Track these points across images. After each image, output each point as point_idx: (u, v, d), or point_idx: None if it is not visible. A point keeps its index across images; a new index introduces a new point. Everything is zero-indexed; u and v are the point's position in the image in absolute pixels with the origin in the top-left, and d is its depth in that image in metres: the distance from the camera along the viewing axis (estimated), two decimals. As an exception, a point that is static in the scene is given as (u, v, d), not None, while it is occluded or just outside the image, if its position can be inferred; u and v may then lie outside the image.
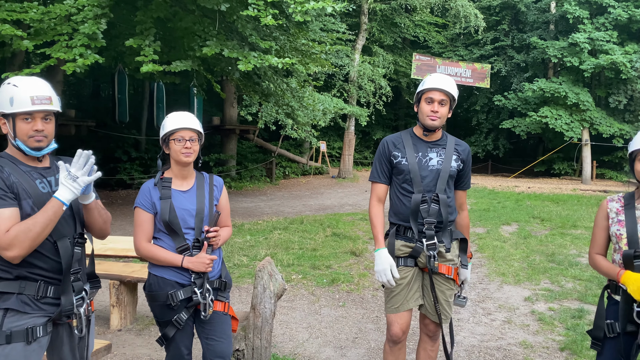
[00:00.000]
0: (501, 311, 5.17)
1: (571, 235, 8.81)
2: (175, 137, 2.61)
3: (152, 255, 2.60)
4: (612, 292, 2.51)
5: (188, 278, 2.59)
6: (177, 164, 2.67)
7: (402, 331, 2.98)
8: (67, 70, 7.55)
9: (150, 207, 2.61)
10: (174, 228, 2.57)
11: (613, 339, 2.44)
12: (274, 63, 8.21)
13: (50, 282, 2.12)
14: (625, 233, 2.43)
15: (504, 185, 17.78)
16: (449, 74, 22.42)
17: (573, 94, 20.27)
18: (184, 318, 2.58)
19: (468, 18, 20.57)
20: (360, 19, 19.92)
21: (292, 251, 7.39)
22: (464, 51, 24.81)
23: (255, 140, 19.74)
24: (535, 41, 21.62)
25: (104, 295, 5.29)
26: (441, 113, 2.89)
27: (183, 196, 2.64)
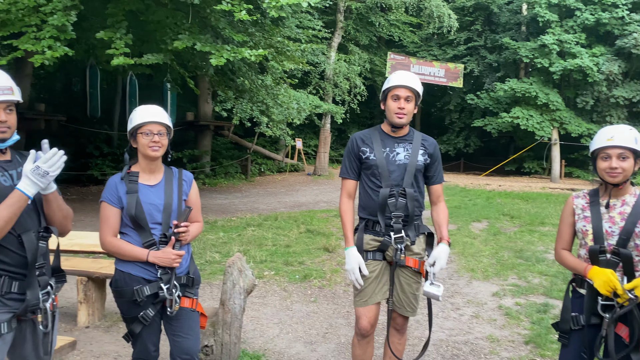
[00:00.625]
0: (469, 306, 5.27)
1: (539, 232, 9.02)
2: (143, 130, 2.58)
3: (117, 249, 2.57)
4: (578, 286, 2.59)
5: (154, 274, 2.56)
6: (144, 158, 2.64)
7: (371, 324, 3.03)
8: (35, 63, 7.38)
9: (116, 201, 2.58)
10: (140, 223, 2.55)
11: (578, 332, 2.51)
12: (247, 56, 8.14)
13: (15, 277, 2.09)
14: (591, 229, 2.50)
15: (475, 183, 18.08)
16: (422, 73, 22.67)
17: (543, 94, 20.73)
18: (150, 314, 2.56)
19: (442, 18, 20.83)
20: (336, 17, 19.96)
21: (265, 248, 7.39)
22: (438, 51, 25.12)
23: (230, 137, 19.61)
24: (507, 42, 22.01)
25: (71, 291, 5.20)
26: (407, 109, 2.95)
27: (150, 190, 2.62)
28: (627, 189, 2.52)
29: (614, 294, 2.36)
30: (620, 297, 2.35)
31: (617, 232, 2.44)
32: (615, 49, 20.87)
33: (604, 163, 2.45)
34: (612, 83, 20.86)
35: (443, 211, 3.13)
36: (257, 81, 12.30)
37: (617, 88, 20.85)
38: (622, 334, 2.42)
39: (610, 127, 2.52)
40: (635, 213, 2.43)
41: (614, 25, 20.45)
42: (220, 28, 8.74)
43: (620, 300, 2.36)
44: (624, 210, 2.47)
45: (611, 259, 2.43)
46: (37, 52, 7.37)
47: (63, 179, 14.41)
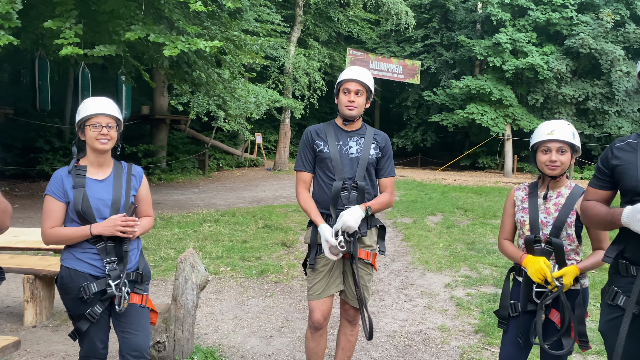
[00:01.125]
0: (423, 297, 5.40)
1: (491, 224, 9.30)
2: (91, 123, 2.53)
3: (59, 235, 2.51)
4: (516, 274, 2.71)
5: (102, 270, 2.51)
6: (92, 151, 2.58)
7: (324, 317, 3.06)
8: None
9: (62, 195, 2.52)
10: (87, 218, 2.50)
11: (516, 318, 2.63)
12: (202, 47, 8.01)
13: None
14: (528, 219, 2.62)
15: (431, 178, 18.44)
16: (381, 69, 22.92)
17: (497, 90, 21.35)
18: (98, 311, 2.51)
19: (399, 15, 21.10)
20: (295, 11, 19.91)
21: (222, 243, 7.33)
22: (396, 47, 25.44)
23: (187, 131, 19.29)
24: (463, 40, 22.53)
25: (18, 290, 5.03)
26: (358, 103, 3.01)
27: (98, 185, 2.57)
28: (563, 182, 2.65)
29: (545, 282, 2.49)
30: (550, 284, 2.48)
31: (552, 222, 2.57)
32: (564, 48, 21.71)
33: (544, 156, 2.57)
34: (561, 81, 21.69)
35: (384, 195, 3.13)
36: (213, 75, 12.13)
37: (565, 86, 21.70)
38: (554, 320, 2.54)
39: (550, 122, 2.64)
40: (569, 204, 2.56)
41: (563, 25, 21.26)
42: (174, 19, 8.57)
43: (550, 287, 2.49)
44: (559, 201, 2.60)
45: (545, 248, 2.56)
46: None
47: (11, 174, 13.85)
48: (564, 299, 2.46)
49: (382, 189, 3.22)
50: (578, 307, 2.48)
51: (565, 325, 2.49)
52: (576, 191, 2.59)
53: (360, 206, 2.97)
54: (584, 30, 20.62)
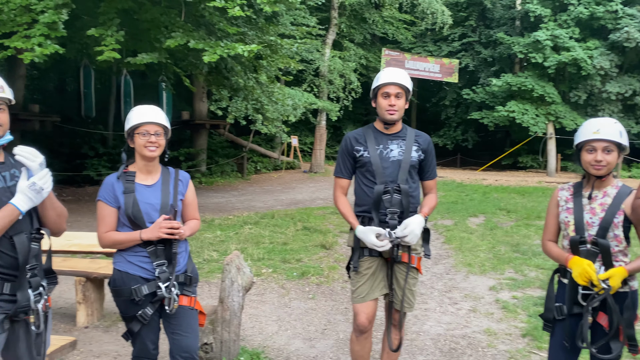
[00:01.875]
0: (467, 300, 5.30)
1: (535, 226, 9.06)
2: (140, 131, 2.59)
3: (113, 240, 2.59)
4: (561, 276, 2.64)
5: (152, 272, 2.58)
6: (141, 158, 2.65)
7: (368, 320, 3.05)
8: (24, 59, 7.36)
9: (113, 200, 2.59)
10: (137, 222, 2.56)
11: (562, 321, 2.55)
12: (240, 52, 8.12)
13: (6, 278, 2.08)
14: (573, 220, 2.55)
15: (472, 178, 18.12)
16: (417, 69, 22.69)
17: (539, 87, 20.77)
18: (148, 313, 2.57)
19: (435, 14, 20.85)
20: (330, 14, 19.95)
21: (262, 245, 7.40)
22: (433, 47, 25.11)
23: (225, 135, 19.59)
24: (502, 37, 22.05)
25: (70, 292, 5.21)
26: (398, 106, 2.98)
27: (147, 190, 2.63)
28: (609, 181, 2.56)
29: (591, 284, 2.40)
30: (596, 286, 2.39)
31: (597, 222, 2.48)
32: (608, 43, 20.93)
33: (589, 156, 2.49)
34: (605, 77, 20.93)
35: (431, 198, 3.16)
36: (251, 79, 12.29)
37: (610, 82, 20.92)
38: (602, 323, 2.46)
39: (595, 120, 2.55)
40: (615, 204, 2.47)
41: (607, 19, 20.50)
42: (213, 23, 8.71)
43: (596, 289, 2.40)
44: (605, 201, 2.51)
45: (591, 249, 2.48)
46: (28, 49, 7.35)
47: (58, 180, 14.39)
48: (611, 301, 2.38)
49: (425, 190, 3.19)
50: (627, 310, 2.39)
51: (613, 329, 2.40)
52: (623, 191, 2.50)
53: (421, 215, 2.97)
54: (630, 24, 19.84)
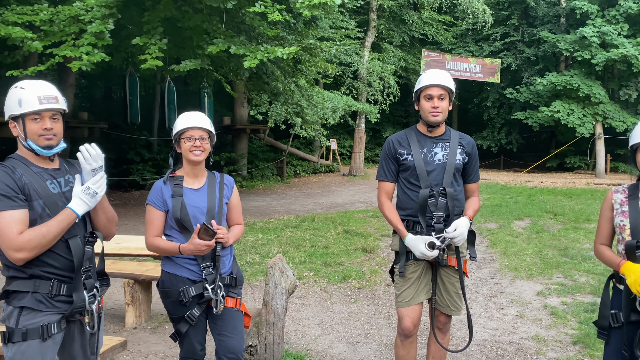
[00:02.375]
0: (513, 306, 5.16)
1: (584, 229, 8.75)
2: (186, 136, 2.66)
3: (156, 245, 2.67)
4: (617, 281, 2.52)
5: (199, 274, 2.63)
6: (188, 163, 2.72)
7: (413, 324, 3.01)
8: (72, 68, 7.66)
9: (161, 204, 2.66)
10: (185, 225, 2.62)
11: (618, 329, 2.44)
12: (280, 54, 8.20)
13: (63, 280, 2.17)
14: (629, 224, 2.43)
15: (516, 181, 17.68)
16: (458, 69, 22.30)
17: (585, 86, 20.05)
18: (196, 314, 2.63)
19: (476, 14, 20.47)
20: (369, 16, 19.90)
21: (303, 249, 7.42)
22: (474, 47, 24.64)
23: (265, 139, 19.82)
24: (546, 35, 21.43)
25: (118, 294, 5.37)
26: (442, 107, 2.94)
27: (194, 194, 2.69)
28: None
29: None
30: None
31: None
32: (662, 37, 20.04)
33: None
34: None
35: (475, 201, 3.12)
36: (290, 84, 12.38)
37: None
38: None
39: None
40: None
41: (659, 13, 19.64)
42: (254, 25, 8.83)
43: None
44: None
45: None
46: (76, 58, 7.65)
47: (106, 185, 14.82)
48: None
49: (468, 193, 3.14)
50: None
51: None
52: None
53: (467, 217, 2.94)
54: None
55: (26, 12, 8.00)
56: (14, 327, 2.10)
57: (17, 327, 2.09)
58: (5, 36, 7.65)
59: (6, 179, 2.06)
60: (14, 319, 2.11)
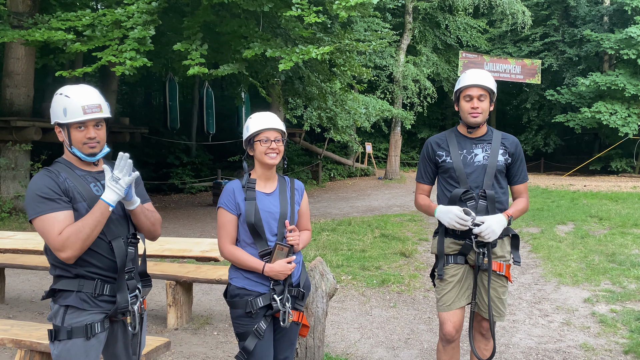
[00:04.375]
0: (559, 313, 4.99)
1: (632, 234, 8.41)
2: (261, 138, 2.54)
3: (236, 258, 2.54)
4: None
5: (268, 285, 2.52)
6: (261, 166, 2.59)
7: (455, 329, 2.94)
8: (116, 72, 7.89)
9: (234, 208, 2.54)
10: (257, 230, 2.50)
11: None
12: (314, 55, 8.19)
13: (107, 280, 2.21)
14: None
15: (557, 184, 17.18)
16: (497, 70, 21.85)
17: (631, 85, 19.30)
18: (263, 327, 2.50)
19: (515, 15, 20.05)
20: (404, 19, 19.76)
21: (340, 252, 7.39)
22: (512, 48, 24.12)
23: (301, 143, 19.90)
24: (589, 34, 20.75)
25: (160, 295, 5.46)
26: (482, 108, 2.86)
27: (267, 199, 2.58)
28: None
29: None
30: None
31: None
32: None
33: None
34: None
35: (521, 202, 3.02)
36: (325, 88, 12.38)
37: None
38: None
39: None
40: None
41: None
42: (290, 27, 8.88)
43: None
44: None
45: None
46: (119, 63, 7.87)
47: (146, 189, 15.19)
48: None
49: (516, 195, 3.06)
50: None
51: None
52: None
53: (504, 214, 2.84)
54: None
55: (70, 18, 8.29)
56: (60, 325, 2.15)
57: (63, 325, 2.15)
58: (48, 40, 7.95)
59: (49, 183, 2.13)
60: (60, 317, 2.17)
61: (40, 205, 2.09)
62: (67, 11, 8.69)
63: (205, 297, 5.56)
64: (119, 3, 8.58)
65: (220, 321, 4.79)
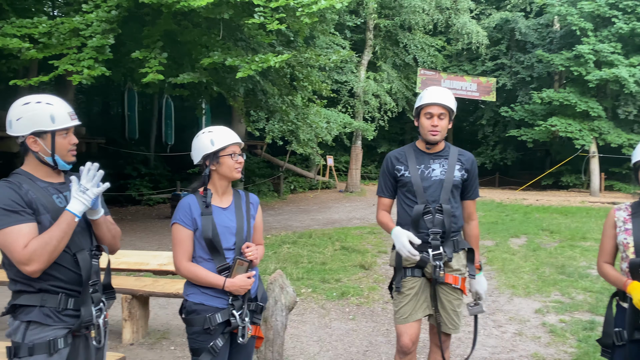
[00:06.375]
0: (512, 323, 5.15)
1: (581, 247, 8.77)
2: (229, 152, 2.53)
3: (194, 275, 2.47)
4: (621, 299, 2.53)
5: (226, 300, 2.49)
6: (223, 180, 2.57)
7: (412, 342, 3.00)
8: (73, 81, 7.73)
9: (190, 223, 2.48)
10: (215, 246, 2.46)
11: (622, 347, 2.45)
12: (273, 63, 8.23)
13: (71, 294, 2.16)
14: (632, 241, 2.45)
15: (512, 198, 17.73)
16: (454, 88, 22.48)
17: (582, 102, 20.22)
18: (219, 344, 2.45)
19: (470, 35, 20.78)
20: (365, 35, 20.13)
21: (301, 265, 7.40)
22: (468, 66, 24.91)
23: (262, 155, 19.85)
24: (541, 54, 21.66)
25: (115, 309, 5.31)
26: (441, 127, 2.96)
27: (223, 213, 2.54)
28: None
29: None
30: None
31: None
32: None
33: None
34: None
35: (475, 233, 3.18)
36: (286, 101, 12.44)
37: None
38: None
39: None
40: None
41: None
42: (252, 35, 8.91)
43: None
44: None
45: None
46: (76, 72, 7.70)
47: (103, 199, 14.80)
48: None
49: (466, 212, 3.15)
50: None
51: None
52: None
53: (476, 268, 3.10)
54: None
55: (25, 24, 8.07)
56: (21, 342, 2.08)
57: (24, 341, 2.07)
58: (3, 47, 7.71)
59: (11, 194, 2.06)
60: (20, 334, 2.09)
61: (3, 218, 2.02)
62: (21, 17, 8.45)
63: (163, 311, 5.46)
64: (78, 11, 8.40)
65: (177, 335, 4.71)
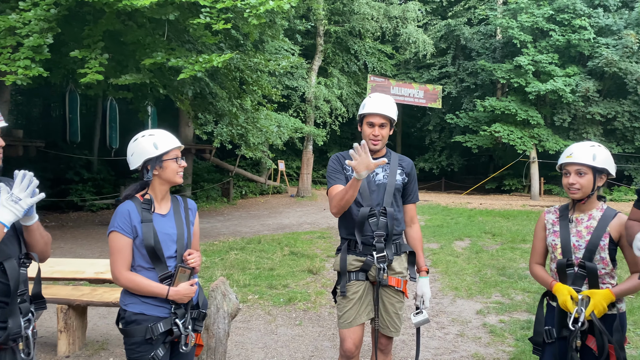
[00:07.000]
0: (454, 325, 5.28)
1: (521, 249, 9.12)
2: (172, 156, 2.47)
3: (135, 284, 2.39)
4: (550, 299, 2.65)
5: (169, 309, 2.42)
6: (164, 185, 2.51)
7: (355, 346, 3.02)
8: (6, 82, 7.35)
9: (130, 231, 2.39)
10: (157, 253, 2.39)
11: (551, 344, 2.56)
12: (216, 63, 8.15)
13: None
14: (560, 243, 2.57)
15: (457, 202, 18.25)
16: (402, 94, 23.00)
17: (522, 110, 21.16)
18: (160, 354, 2.38)
19: (417, 44, 21.33)
20: (316, 40, 20.25)
21: (248, 271, 7.32)
22: (416, 73, 25.58)
23: (211, 160, 19.54)
24: (483, 64, 22.51)
25: (51, 320, 5.09)
26: (382, 135, 3.04)
27: (163, 220, 2.47)
28: (594, 204, 2.60)
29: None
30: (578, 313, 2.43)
31: (584, 245, 2.52)
32: (587, 69, 21.47)
33: (565, 179, 2.57)
34: (588, 100, 21.39)
35: (418, 236, 3.22)
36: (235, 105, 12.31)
37: (592, 106, 21.38)
38: (591, 346, 2.47)
39: (574, 145, 2.62)
40: (601, 227, 2.51)
41: (584, 46, 21.06)
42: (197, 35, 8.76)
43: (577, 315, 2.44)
44: (591, 224, 2.55)
45: (578, 272, 2.51)
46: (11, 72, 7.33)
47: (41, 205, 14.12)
48: (598, 324, 2.39)
49: (407, 216, 3.21)
50: (616, 332, 2.41)
51: (604, 353, 2.40)
52: (608, 213, 2.54)
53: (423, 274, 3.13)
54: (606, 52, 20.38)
55: None
56: None
57: None
58: None
59: None
60: None
61: None
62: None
63: (102, 321, 5.26)
64: (14, 9, 8.01)
65: (117, 346, 4.55)
